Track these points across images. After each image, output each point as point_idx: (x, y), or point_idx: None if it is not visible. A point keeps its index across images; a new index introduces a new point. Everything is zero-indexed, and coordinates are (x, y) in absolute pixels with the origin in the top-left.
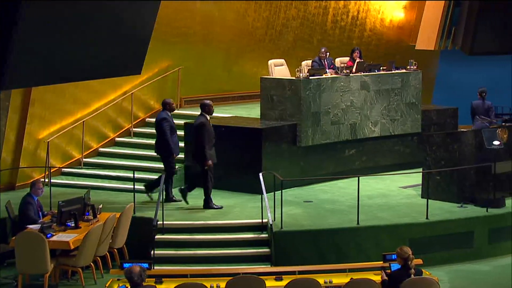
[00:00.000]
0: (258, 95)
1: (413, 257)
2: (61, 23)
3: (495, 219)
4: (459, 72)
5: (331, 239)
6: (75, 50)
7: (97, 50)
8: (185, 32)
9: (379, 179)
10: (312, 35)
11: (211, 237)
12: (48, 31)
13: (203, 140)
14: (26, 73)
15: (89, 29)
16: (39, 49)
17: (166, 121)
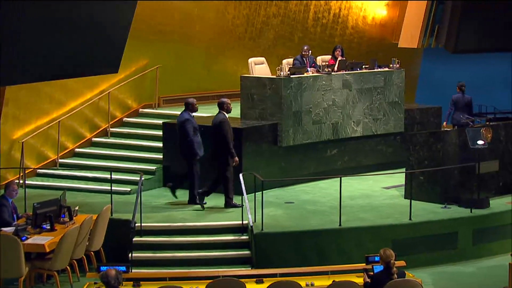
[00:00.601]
0: (238, 94)
1: (396, 259)
2: (36, 21)
3: (479, 220)
4: (442, 71)
5: (313, 240)
6: (50, 49)
7: (73, 49)
8: (163, 30)
9: (362, 179)
10: (293, 33)
11: (190, 239)
12: (23, 29)
13: (227, 136)
14: (1, 72)
15: (64, 27)
16: (15, 48)
17: (189, 122)
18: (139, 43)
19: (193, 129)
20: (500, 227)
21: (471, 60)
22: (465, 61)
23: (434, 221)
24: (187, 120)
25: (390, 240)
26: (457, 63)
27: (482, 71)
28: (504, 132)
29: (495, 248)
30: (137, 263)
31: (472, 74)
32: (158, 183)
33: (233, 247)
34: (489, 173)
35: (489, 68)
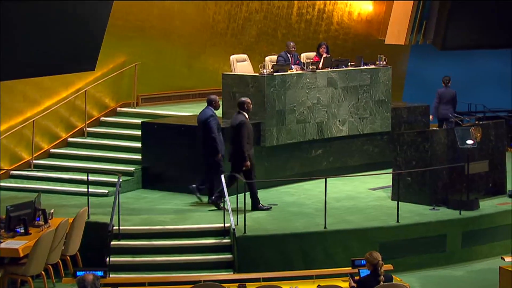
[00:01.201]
0: (219, 92)
1: (383, 262)
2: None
3: (469, 222)
4: (430, 68)
5: (297, 244)
6: (24, 45)
7: (48, 45)
8: (142, 26)
9: (347, 180)
10: (276, 29)
11: (170, 243)
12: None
13: (242, 139)
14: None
15: (39, 23)
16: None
17: (214, 119)
18: (117, 40)
19: (217, 126)
20: (490, 229)
21: (460, 57)
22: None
23: (422, 224)
24: (212, 117)
25: (377, 243)
26: (445, 60)
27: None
28: (494, 131)
29: (485, 251)
30: (115, 268)
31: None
32: (137, 184)
33: (214, 251)
34: (478, 174)
35: (479, 66)
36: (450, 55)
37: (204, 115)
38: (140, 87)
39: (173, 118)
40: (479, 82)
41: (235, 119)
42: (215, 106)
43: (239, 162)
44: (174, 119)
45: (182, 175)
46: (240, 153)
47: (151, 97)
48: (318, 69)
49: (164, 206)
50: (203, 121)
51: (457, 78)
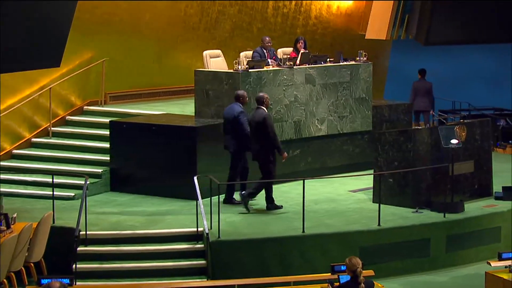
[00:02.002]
0: (192, 90)
1: (364, 268)
2: None
3: (453, 225)
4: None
5: (274, 249)
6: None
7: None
8: (110, 20)
9: (327, 182)
10: (252, 23)
11: (140, 249)
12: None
13: (272, 132)
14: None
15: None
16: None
17: (244, 115)
18: (83, 34)
19: (248, 121)
20: (475, 232)
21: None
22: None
23: (405, 227)
24: (242, 113)
25: (357, 248)
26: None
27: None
28: (480, 130)
29: (471, 255)
30: (82, 275)
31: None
32: (105, 187)
33: (187, 257)
34: (463, 175)
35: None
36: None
37: (232, 111)
38: (108, 84)
39: (143, 117)
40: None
41: (257, 115)
42: (243, 102)
43: (267, 158)
44: (144, 118)
45: (152, 176)
46: (272, 146)
47: (120, 95)
48: (295, 65)
49: (133, 209)
50: (232, 117)
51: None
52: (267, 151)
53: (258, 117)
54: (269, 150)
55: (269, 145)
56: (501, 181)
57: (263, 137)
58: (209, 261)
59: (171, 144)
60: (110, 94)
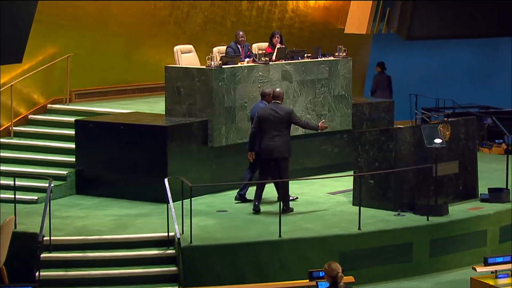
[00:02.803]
0: (162, 87)
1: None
2: None
3: (437, 229)
4: (394, 60)
5: (249, 254)
6: None
7: None
8: (75, 13)
9: (304, 184)
10: (225, 17)
11: (108, 255)
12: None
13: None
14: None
15: None
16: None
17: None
18: (47, 28)
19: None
20: (460, 236)
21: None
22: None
23: (386, 231)
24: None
25: (336, 253)
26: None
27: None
28: (465, 129)
29: (455, 260)
30: (45, 283)
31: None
32: (70, 190)
33: (157, 263)
34: (447, 176)
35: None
36: (416, 46)
37: (257, 109)
38: (73, 81)
39: (111, 116)
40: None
41: (283, 108)
42: (269, 100)
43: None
44: (112, 117)
45: (121, 178)
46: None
47: (86, 93)
48: (271, 61)
49: (101, 213)
50: (255, 116)
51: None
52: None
53: (286, 110)
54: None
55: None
56: (487, 183)
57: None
58: (181, 268)
59: (141, 144)
60: (76, 92)
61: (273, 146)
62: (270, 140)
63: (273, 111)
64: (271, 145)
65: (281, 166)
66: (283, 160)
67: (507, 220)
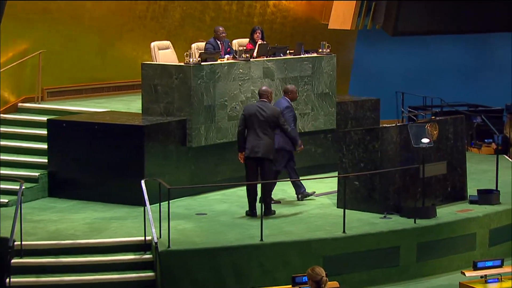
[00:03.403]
0: (139, 85)
1: (327, 279)
2: None
3: (425, 232)
4: (380, 57)
5: (230, 259)
6: None
7: None
8: (47, 7)
9: (286, 185)
10: (204, 12)
11: (82, 260)
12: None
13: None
14: None
15: None
16: None
17: (290, 110)
18: (17, 24)
19: (293, 118)
20: (448, 240)
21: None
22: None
23: (372, 234)
24: (288, 108)
25: (320, 257)
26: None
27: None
28: (453, 128)
29: (443, 265)
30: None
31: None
32: (43, 192)
33: (134, 269)
34: (435, 177)
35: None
36: (403, 42)
37: (279, 106)
38: (45, 78)
39: (85, 115)
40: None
41: (269, 108)
42: (291, 97)
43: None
44: (86, 116)
45: (95, 180)
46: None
47: (59, 91)
48: (252, 57)
49: (74, 216)
50: (277, 112)
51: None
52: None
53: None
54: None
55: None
56: (476, 184)
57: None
58: (158, 273)
59: (116, 144)
60: (48, 90)
61: (259, 145)
62: (256, 139)
63: (260, 109)
64: (257, 144)
65: (264, 167)
66: (267, 161)
67: (497, 223)
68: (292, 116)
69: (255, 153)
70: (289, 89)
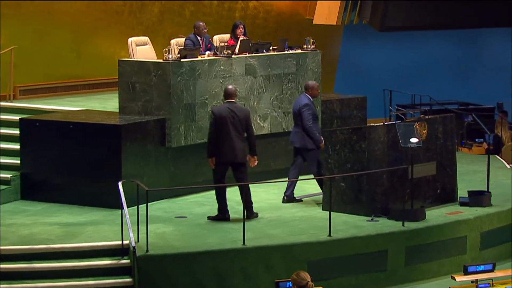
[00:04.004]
0: (115, 83)
1: (313, 284)
2: None
3: (413, 235)
4: (367, 53)
5: (211, 263)
6: None
7: None
8: (19, 2)
9: (270, 187)
10: (184, 6)
11: (57, 265)
12: None
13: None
14: None
15: None
16: None
17: (309, 108)
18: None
19: (313, 115)
20: (438, 243)
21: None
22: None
23: (359, 238)
24: (306, 106)
25: (305, 262)
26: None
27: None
28: (443, 127)
29: (433, 269)
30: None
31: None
32: (15, 195)
33: (111, 274)
34: (424, 178)
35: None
36: (391, 38)
37: (299, 103)
38: (17, 76)
39: (59, 114)
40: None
41: (240, 110)
42: (312, 94)
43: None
44: (61, 115)
45: (70, 182)
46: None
47: (32, 89)
48: (234, 54)
49: (48, 220)
50: (297, 109)
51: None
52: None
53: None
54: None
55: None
56: (467, 185)
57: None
58: (136, 279)
59: (92, 145)
60: (20, 88)
61: (235, 150)
62: (231, 142)
63: (231, 112)
64: (233, 148)
65: (242, 170)
66: (243, 165)
67: (488, 226)
68: (311, 114)
69: (232, 158)
70: (309, 86)
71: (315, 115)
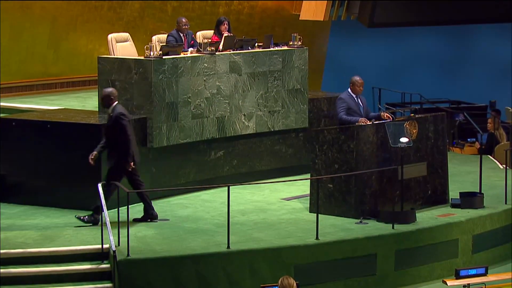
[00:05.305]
0: (95, 81)
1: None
2: None
3: (403, 238)
4: (355, 50)
5: (193, 268)
6: None
7: None
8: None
9: (255, 188)
10: (165, 2)
11: (34, 270)
12: None
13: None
14: None
15: None
16: None
17: (342, 102)
18: None
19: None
20: (429, 246)
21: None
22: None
23: (347, 241)
24: (340, 99)
25: (291, 266)
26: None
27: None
28: (433, 126)
29: (424, 273)
30: None
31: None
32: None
33: (90, 279)
34: (415, 179)
35: (414, 47)
36: (380, 34)
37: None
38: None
39: (36, 113)
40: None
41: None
42: (352, 90)
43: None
44: (37, 114)
45: (48, 184)
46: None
47: (8, 87)
48: (218, 51)
49: (25, 223)
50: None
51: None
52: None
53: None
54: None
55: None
56: (459, 187)
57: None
58: (117, 284)
59: (71, 145)
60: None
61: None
62: (134, 142)
63: None
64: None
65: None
66: None
67: (480, 228)
68: (344, 108)
69: (137, 158)
70: (351, 80)
71: (348, 108)
